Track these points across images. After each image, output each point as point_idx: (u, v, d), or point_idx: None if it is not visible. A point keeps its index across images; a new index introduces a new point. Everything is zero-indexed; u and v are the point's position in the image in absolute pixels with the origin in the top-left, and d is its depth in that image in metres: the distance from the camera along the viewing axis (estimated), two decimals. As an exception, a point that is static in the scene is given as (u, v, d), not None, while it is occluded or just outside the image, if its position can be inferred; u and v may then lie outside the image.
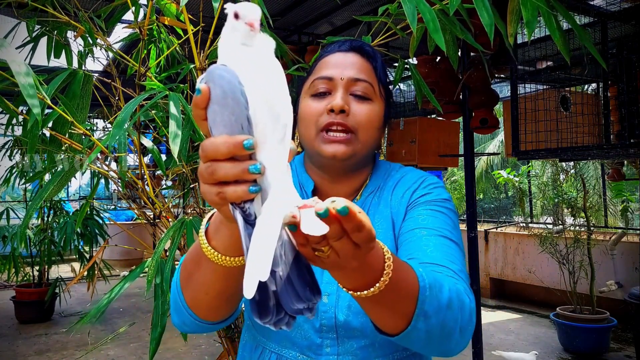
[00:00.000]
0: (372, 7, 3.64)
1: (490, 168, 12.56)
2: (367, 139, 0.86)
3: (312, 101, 0.87)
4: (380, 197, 0.91)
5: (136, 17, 1.57)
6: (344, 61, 0.87)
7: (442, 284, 0.65)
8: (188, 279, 0.71)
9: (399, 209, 0.88)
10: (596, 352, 4.09)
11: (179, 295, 0.74)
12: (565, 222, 4.87)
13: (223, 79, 0.48)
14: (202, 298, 0.70)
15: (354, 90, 0.86)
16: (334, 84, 0.86)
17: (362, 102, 0.86)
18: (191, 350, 4.16)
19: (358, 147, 0.85)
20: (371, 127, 0.86)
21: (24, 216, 1.40)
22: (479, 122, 3.24)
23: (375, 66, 0.89)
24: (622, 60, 2.63)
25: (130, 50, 1.93)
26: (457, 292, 0.67)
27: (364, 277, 0.57)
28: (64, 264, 5.79)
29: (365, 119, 0.85)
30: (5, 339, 4.52)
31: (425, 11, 1.12)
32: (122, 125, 1.09)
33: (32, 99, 0.96)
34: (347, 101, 0.85)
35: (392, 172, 0.96)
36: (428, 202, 0.86)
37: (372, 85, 0.87)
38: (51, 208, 4.87)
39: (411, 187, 0.89)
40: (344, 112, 0.84)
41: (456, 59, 1.49)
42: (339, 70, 0.86)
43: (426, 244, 0.78)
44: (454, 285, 0.68)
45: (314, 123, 0.86)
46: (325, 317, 0.84)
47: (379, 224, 0.89)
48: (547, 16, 1.14)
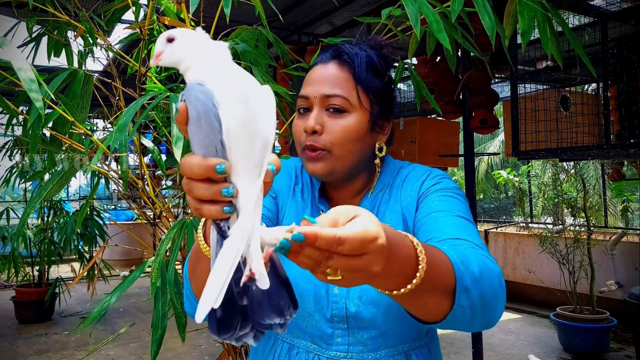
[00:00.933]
0: (372, 7, 3.64)
1: (491, 168, 12.56)
2: (344, 153, 0.87)
3: (298, 120, 0.91)
4: (390, 193, 0.93)
5: (136, 17, 1.57)
6: (320, 76, 0.89)
7: (468, 255, 0.66)
8: (193, 270, 0.75)
9: (409, 202, 0.90)
10: (596, 352, 4.09)
11: (187, 284, 0.79)
12: (565, 222, 4.87)
13: (198, 100, 0.48)
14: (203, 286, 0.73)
15: (329, 106, 0.87)
16: (310, 102, 0.89)
17: (338, 117, 0.87)
18: (191, 350, 4.16)
19: (335, 163, 0.87)
20: (347, 141, 0.87)
21: (22, 214, 1.40)
22: (479, 122, 3.24)
23: (354, 72, 0.88)
24: (622, 60, 2.63)
25: (131, 50, 1.93)
26: (483, 261, 0.67)
27: (397, 277, 0.56)
28: (64, 264, 5.79)
29: (339, 135, 0.86)
30: (5, 339, 4.52)
31: (428, 13, 1.12)
32: (124, 129, 1.09)
33: (34, 92, 0.96)
34: (320, 120, 0.87)
35: (401, 169, 0.97)
36: (439, 190, 0.87)
37: (347, 97, 0.87)
38: (51, 208, 4.87)
39: (419, 179, 0.91)
40: (316, 132, 0.86)
41: (454, 61, 1.49)
42: (314, 88, 0.88)
43: (444, 222, 0.79)
44: (478, 254, 0.69)
45: (298, 141, 0.90)
46: (337, 308, 0.86)
47: (389, 219, 0.90)
48: (542, 26, 1.14)
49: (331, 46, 0.93)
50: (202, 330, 1.99)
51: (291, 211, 0.95)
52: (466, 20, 1.28)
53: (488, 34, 1.13)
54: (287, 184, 0.99)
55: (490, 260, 0.70)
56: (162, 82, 1.60)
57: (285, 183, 0.99)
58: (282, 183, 0.98)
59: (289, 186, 0.98)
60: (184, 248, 1.51)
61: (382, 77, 0.92)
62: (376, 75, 0.90)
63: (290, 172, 1.00)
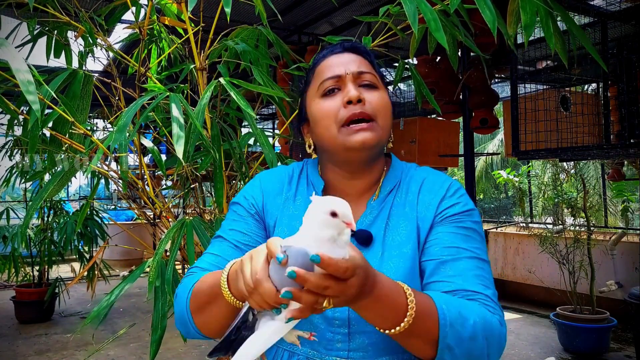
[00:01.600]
0: (372, 7, 3.64)
1: (490, 168, 12.56)
2: (386, 124, 0.89)
3: (325, 100, 0.89)
4: (405, 198, 0.92)
5: (137, 17, 1.57)
6: (343, 60, 0.91)
7: (467, 317, 0.72)
8: (201, 309, 0.80)
9: (425, 215, 0.89)
10: (596, 352, 4.09)
11: (188, 317, 0.83)
12: (565, 222, 4.87)
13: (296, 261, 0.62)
14: (214, 325, 0.80)
15: (361, 82, 0.89)
16: (341, 81, 0.89)
17: (372, 90, 0.89)
18: (191, 350, 4.16)
19: (380, 132, 0.87)
20: (386, 112, 0.89)
21: (24, 216, 1.40)
22: (479, 122, 3.24)
23: (371, 60, 0.93)
24: (622, 60, 2.63)
25: (131, 50, 1.93)
26: (483, 322, 0.74)
27: (387, 319, 0.68)
28: (64, 264, 5.79)
29: (380, 105, 0.88)
30: (5, 339, 4.52)
31: (426, 11, 1.12)
32: (124, 130, 1.09)
33: (31, 95, 0.96)
34: (360, 92, 0.87)
35: (410, 170, 0.96)
36: (457, 216, 0.87)
37: (375, 75, 0.90)
38: (51, 208, 4.87)
39: (438, 193, 0.90)
40: (361, 101, 0.86)
41: (456, 60, 1.49)
42: (342, 68, 0.89)
43: (464, 267, 0.82)
44: (483, 315, 0.75)
45: (333, 120, 0.87)
46: (339, 310, 0.85)
47: (403, 226, 0.89)
48: (544, 20, 1.14)
49: (336, 43, 0.96)
50: (202, 330, 1.97)
51: (287, 218, 0.93)
52: (466, 19, 1.28)
53: (490, 26, 1.13)
54: (279, 192, 0.96)
55: (497, 320, 0.76)
56: (161, 82, 1.60)
57: (276, 192, 0.96)
58: (271, 194, 0.96)
59: (281, 194, 0.96)
60: (183, 248, 1.51)
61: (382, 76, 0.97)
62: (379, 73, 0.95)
63: (282, 179, 0.98)
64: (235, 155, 1.49)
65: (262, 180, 0.98)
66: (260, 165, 1.62)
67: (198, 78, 1.52)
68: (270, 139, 1.61)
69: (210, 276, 0.81)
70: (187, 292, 0.83)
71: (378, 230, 0.89)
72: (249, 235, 0.92)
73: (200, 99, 1.23)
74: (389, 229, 0.89)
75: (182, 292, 0.85)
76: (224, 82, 1.26)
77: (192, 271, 0.91)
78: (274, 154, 1.33)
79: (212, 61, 1.58)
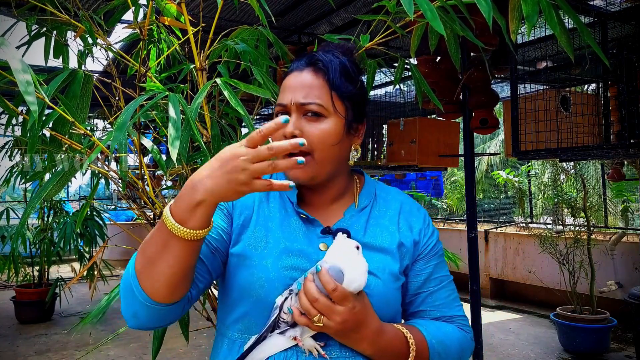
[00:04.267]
0: (372, 8, 3.64)
1: (490, 168, 12.56)
2: (325, 157, 0.90)
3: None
4: (385, 212, 0.99)
5: (136, 18, 1.57)
6: (296, 83, 0.92)
7: (449, 345, 0.94)
8: (150, 264, 0.78)
9: (406, 237, 0.98)
10: (596, 352, 4.09)
11: (134, 285, 0.80)
12: (565, 222, 4.87)
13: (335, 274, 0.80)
14: (165, 279, 0.78)
15: (306, 111, 0.90)
16: (288, 109, 0.91)
17: (316, 121, 0.90)
18: (191, 350, 4.16)
19: (316, 167, 0.90)
20: (326, 144, 0.90)
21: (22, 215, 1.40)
22: (479, 122, 3.24)
23: (329, 78, 0.91)
24: (622, 60, 2.63)
25: (130, 50, 1.92)
26: (460, 344, 0.96)
27: (393, 359, 0.87)
28: (64, 264, 5.79)
29: (318, 139, 0.89)
30: (6, 339, 4.52)
31: (422, 2, 1.11)
32: (124, 128, 1.09)
33: (29, 95, 0.95)
34: (299, 125, 0.89)
35: (384, 188, 1.05)
36: (434, 247, 1.01)
37: (322, 103, 0.90)
38: (51, 208, 4.88)
39: (418, 222, 1.01)
40: (296, 137, 0.88)
41: (458, 57, 1.48)
42: (290, 95, 0.91)
43: (446, 295, 1.00)
44: (460, 338, 0.97)
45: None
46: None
47: (385, 235, 0.96)
48: (547, 11, 1.13)
49: (306, 54, 0.96)
50: (202, 331, 1.99)
51: (262, 218, 0.95)
52: (466, 14, 1.27)
53: (485, 17, 1.12)
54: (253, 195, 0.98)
55: (468, 337, 0.99)
56: (161, 83, 1.60)
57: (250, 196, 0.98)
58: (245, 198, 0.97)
59: (252, 195, 0.97)
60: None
61: (355, 82, 0.95)
62: (349, 81, 0.94)
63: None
64: (235, 155, 1.49)
65: None
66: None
67: (198, 78, 1.52)
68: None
69: (150, 233, 0.81)
70: (132, 260, 0.83)
71: (356, 233, 0.94)
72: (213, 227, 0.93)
73: (195, 98, 1.23)
74: (367, 235, 0.95)
75: (130, 266, 0.83)
76: (219, 82, 1.26)
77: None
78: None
79: (212, 61, 1.58)
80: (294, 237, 0.92)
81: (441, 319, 0.98)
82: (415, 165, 3.66)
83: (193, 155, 1.55)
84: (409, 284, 0.98)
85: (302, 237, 0.92)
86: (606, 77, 2.88)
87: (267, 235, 0.92)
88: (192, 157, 1.54)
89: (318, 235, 0.92)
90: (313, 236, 0.93)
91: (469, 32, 1.34)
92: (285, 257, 0.89)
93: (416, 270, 0.98)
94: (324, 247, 0.91)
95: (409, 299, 0.99)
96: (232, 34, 1.68)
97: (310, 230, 0.93)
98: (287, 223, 0.94)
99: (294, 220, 0.94)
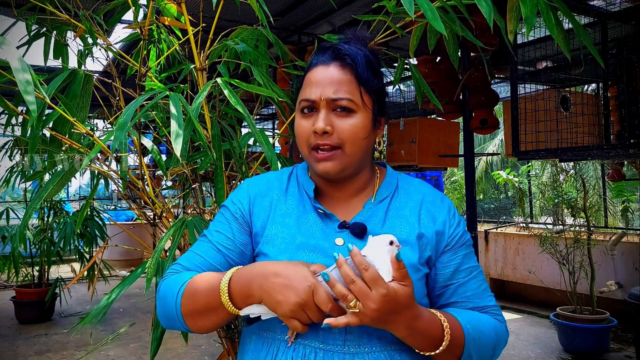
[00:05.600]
0: (372, 8, 3.64)
1: (490, 168, 12.56)
2: (355, 151, 0.91)
3: (302, 120, 0.94)
4: (406, 202, 0.98)
5: (136, 18, 1.57)
6: (324, 78, 0.91)
7: (484, 332, 0.90)
8: (197, 314, 0.88)
9: (427, 228, 0.95)
10: (596, 352, 4.09)
11: (178, 318, 0.89)
12: (565, 222, 4.87)
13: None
14: (210, 327, 0.90)
15: (336, 107, 0.90)
16: (317, 104, 0.91)
17: (346, 116, 0.90)
18: (191, 351, 4.16)
19: (346, 160, 0.91)
20: (357, 139, 0.91)
21: (23, 216, 1.40)
22: (479, 122, 3.24)
23: (357, 73, 0.91)
24: (622, 60, 2.63)
25: (131, 51, 1.92)
26: (495, 333, 0.93)
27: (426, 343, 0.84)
28: (64, 264, 5.79)
29: (349, 134, 0.90)
30: (6, 339, 4.52)
31: (422, 2, 1.11)
32: (124, 128, 1.09)
33: (29, 95, 0.95)
34: (329, 121, 0.90)
35: (407, 179, 1.02)
36: (462, 237, 0.98)
37: (353, 98, 0.90)
38: (51, 208, 4.87)
39: (442, 214, 0.98)
40: (327, 132, 0.89)
41: (457, 58, 1.48)
42: (319, 90, 0.91)
43: (477, 285, 0.97)
44: (495, 326, 0.93)
45: (305, 142, 0.93)
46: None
47: (403, 226, 0.94)
48: (545, 12, 1.13)
49: (329, 47, 0.95)
50: (202, 331, 1.98)
51: (279, 216, 0.96)
52: (466, 15, 1.27)
53: (485, 17, 1.12)
54: (265, 194, 1.00)
55: (503, 327, 0.95)
56: (162, 83, 1.60)
57: (262, 195, 1.00)
58: (257, 197, 0.99)
59: (267, 196, 0.99)
60: (184, 249, 1.51)
61: (379, 75, 0.95)
62: (374, 75, 0.94)
63: (270, 183, 1.02)
64: (235, 155, 1.49)
65: (249, 185, 1.03)
66: (260, 166, 1.62)
67: (198, 78, 1.52)
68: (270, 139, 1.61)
69: (204, 283, 0.87)
70: (176, 294, 0.88)
71: (374, 226, 0.93)
72: (231, 240, 0.96)
73: (196, 97, 1.23)
74: (386, 226, 0.94)
75: (169, 291, 0.90)
76: (220, 82, 1.26)
77: (175, 268, 0.95)
78: (273, 152, 1.32)
79: (212, 61, 1.58)
80: (311, 232, 0.93)
81: (473, 310, 0.94)
82: (415, 166, 3.66)
83: (193, 155, 1.55)
84: (437, 276, 0.95)
85: (319, 233, 0.93)
86: (606, 77, 2.88)
87: (284, 231, 0.93)
88: (192, 157, 1.54)
89: (335, 230, 0.93)
90: (330, 231, 0.93)
91: (469, 33, 1.34)
92: (301, 253, 0.90)
93: (444, 261, 0.95)
94: (341, 242, 0.91)
95: (439, 291, 0.96)
96: (232, 34, 1.68)
97: (327, 225, 0.94)
98: (305, 219, 0.95)
99: (311, 216, 0.95)
